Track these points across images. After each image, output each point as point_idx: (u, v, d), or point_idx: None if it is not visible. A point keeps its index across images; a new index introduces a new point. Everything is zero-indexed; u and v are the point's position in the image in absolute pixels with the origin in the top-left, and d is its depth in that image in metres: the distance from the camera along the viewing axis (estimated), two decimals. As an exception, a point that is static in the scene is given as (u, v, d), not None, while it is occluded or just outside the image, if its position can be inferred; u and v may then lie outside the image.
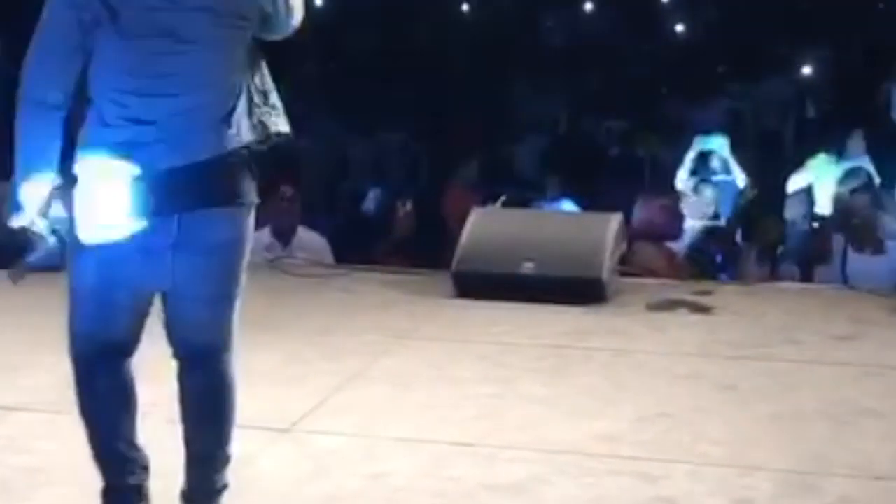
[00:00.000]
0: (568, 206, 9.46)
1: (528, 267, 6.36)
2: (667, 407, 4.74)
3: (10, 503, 3.82)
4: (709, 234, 8.56)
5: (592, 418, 4.63)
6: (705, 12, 18.94)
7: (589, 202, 9.91)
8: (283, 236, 7.88)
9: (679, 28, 17.83)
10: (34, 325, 5.82)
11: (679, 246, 8.05)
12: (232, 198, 3.46)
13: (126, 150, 3.27)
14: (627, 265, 6.90)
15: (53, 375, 5.01)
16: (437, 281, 6.68)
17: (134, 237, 3.31)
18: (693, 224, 8.54)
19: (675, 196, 8.90)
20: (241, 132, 3.44)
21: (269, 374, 5.12)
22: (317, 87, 16.30)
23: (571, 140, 13.35)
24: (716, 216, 8.89)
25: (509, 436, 4.44)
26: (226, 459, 3.64)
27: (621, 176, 11.73)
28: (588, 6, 18.23)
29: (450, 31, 17.77)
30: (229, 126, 3.42)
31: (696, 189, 9.12)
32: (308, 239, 7.98)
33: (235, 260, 3.57)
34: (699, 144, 10.38)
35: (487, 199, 9.24)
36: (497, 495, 3.92)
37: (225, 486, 3.63)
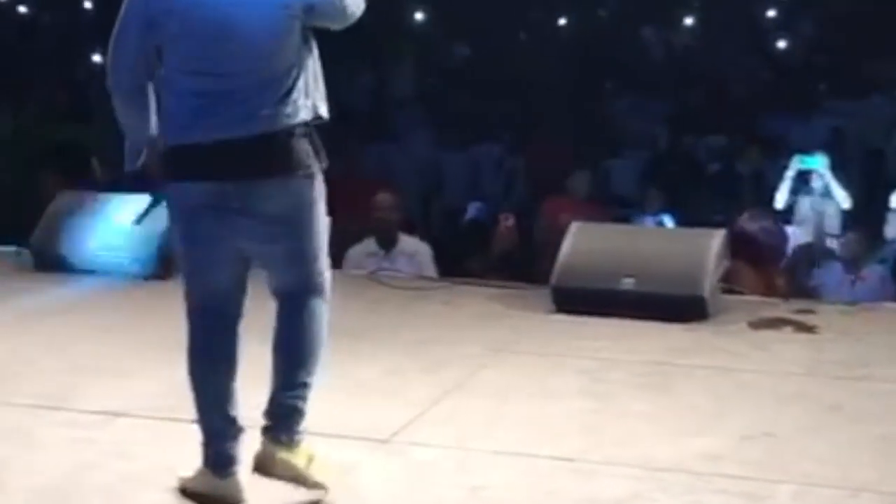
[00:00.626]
0: (667, 221, 9.40)
1: (628, 283, 6.32)
2: (771, 426, 4.67)
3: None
4: (807, 253, 8.48)
5: (695, 436, 4.57)
6: (807, 29, 18.76)
7: (688, 218, 9.85)
8: (385, 244, 8.00)
9: (781, 44, 17.64)
10: (141, 331, 5.92)
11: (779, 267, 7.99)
12: (290, 169, 3.89)
13: (194, 124, 3.83)
14: (728, 283, 6.82)
15: (158, 382, 5.09)
16: (537, 295, 6.65)
17: (208, 202, 3.85)
18: (793, 244, 8.45)
19: (775, 215, 8.79)
20: (299, 111, 3.90)
21: (368, 385, 5.15)
22: (413, 101, 16.37)
23: (671, 156, 13.24)
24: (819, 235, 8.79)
25: (610, 451, 4.40)
26: (306, 387, 4.02)
27: (721, 192, 11.64)
28: (688, 21, 18.11)
29: (547, 45, 17.75)
30: (287, 105, 3.87)
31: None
32: (411, 245, 8.05)
33: (303, 222, 3.96)
34: (797, 163, 10.22)
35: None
36: (598, 511, 3.89)
37: (304, 413, 4.01)
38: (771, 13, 19.46)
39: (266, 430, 3.99)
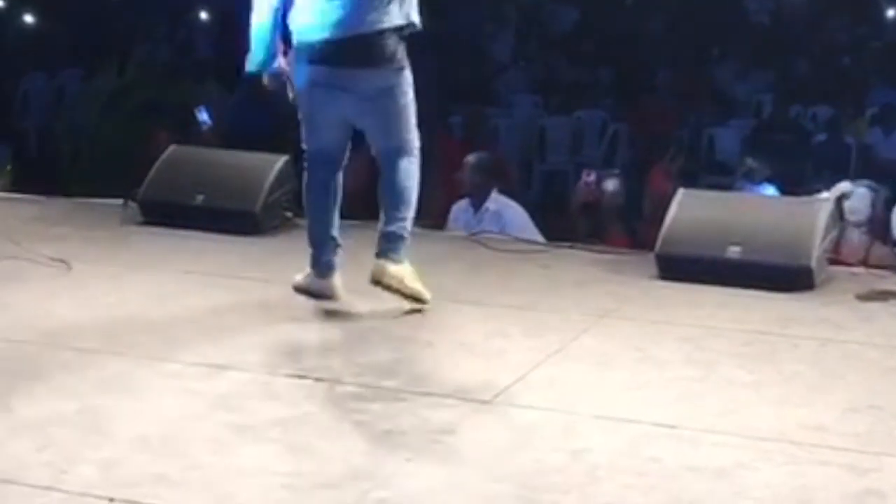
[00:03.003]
0: (771, 191, 9.29)
1: (734, 251, 6.25)
2: (877, 399, 4.60)
3: (220, 458, 3.91)
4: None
5: (799, 406, 4.53)
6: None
7: (793, 189, 9.73)
8: (475, 203, 8.28)
9: (890, 13, 17.32)
10: (245, 288, 5.99)
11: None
12: (380, 62, 5.30)
13: (315, 24, 5.33)
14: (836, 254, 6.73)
15: (263, 336, 5.17)
16: (640, 262, 6.61)
17: (322, 80, 5.35)
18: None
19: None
20: (393, 18, 5.28)
21: (471, 347, 5.16)
22: (515, 64, 16.32)
23: (776, 125, 13.08)
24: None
25: (713, 420, 4.37)
26: (406, 220, 5.44)
27: (828, 163, 11.48)
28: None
29: (652, 10, 17.61)
30: (382, 12, 5.26)
31: None
32: (500, 204, 8.16)
33: (389, 103, 5.38)
34: None
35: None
36: (700, 478, 3.86)
37: (406, 239, 5.46)
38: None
39: (379, 253, 5.41)
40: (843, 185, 7.82)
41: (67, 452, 3.90)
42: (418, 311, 5.53)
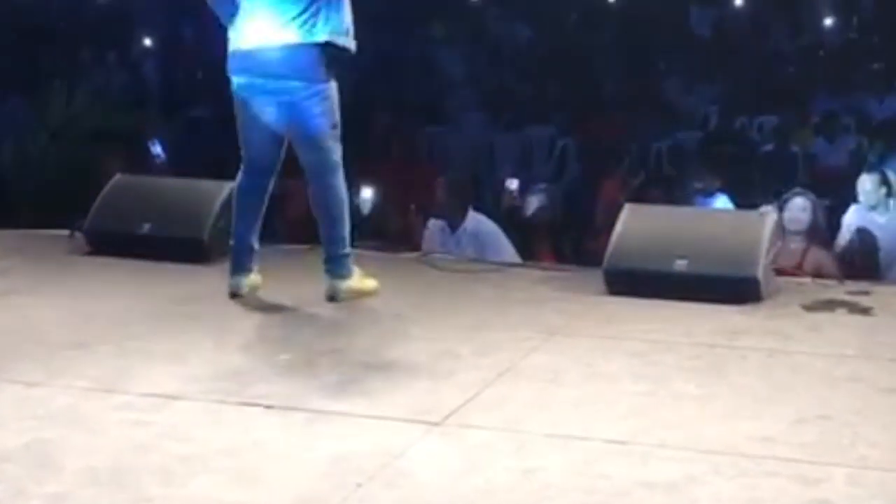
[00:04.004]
0: (723, 202, 9.36)
1: (680, 264, 6.29)
2: (825, 409, 4.64)
3: (169, 489, 3.89)
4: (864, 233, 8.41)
5: (748, 419, 4.55)
6: (860, 7, 18.59)
7: (740, 199, 9.81)
8: (452, 222, 8.37)
9: (828, 22, 17.49)
10: (193, 315, 5.96)
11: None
12: (296, 73, 5.73)
13: (243, 34, 5.83)
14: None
15: (212, 364, 5.14)
16: (589, 278, 6.63)
17: (246, 91, 5.88)
18: (851, 223, 8.37)
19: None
20: (314, 34, 5.70)
21: (420, 368, 5.15)
22: (465, 80, 16.35)
23: (722, 136, 13.18)
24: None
25: (663, 434, 4.39)
26: (341, 237, 6.00)
27: (774, 173, 11.57)
28: (739, 2, 18.00)
29: (597, 23, 17.72)
30: (302, 27, 5.70)
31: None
32: (477, 224, 8.23)
33: (304, 116, 5.79)
34: None
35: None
36: (651, 494, 3.88)
37: (348, 254, 6.05)
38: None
39: (328, 273, 5.99)
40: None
41: (14, 487, 3.86)
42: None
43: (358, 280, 6.11)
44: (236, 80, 5.92)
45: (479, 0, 18.10)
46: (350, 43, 5.83)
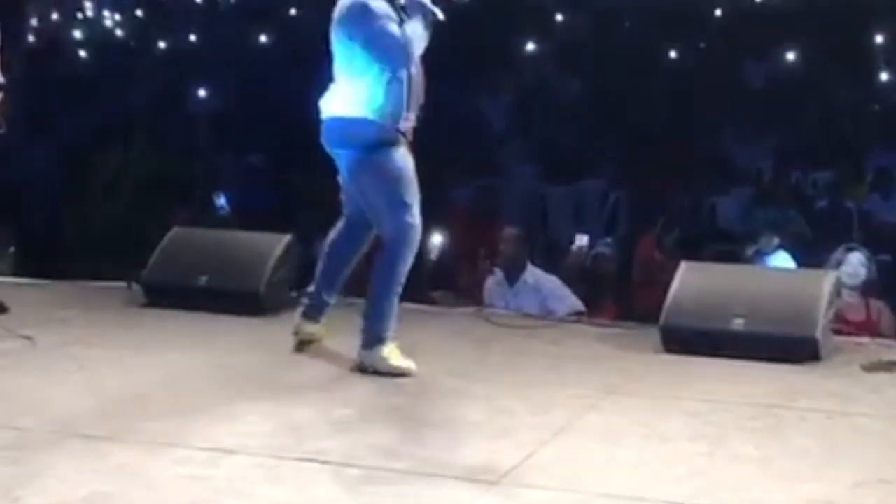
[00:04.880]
0: (782, 259, 9.31)
1: (738, 323, 6.26)
2: (886, 472, 4.58)
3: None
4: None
5: (808, 481, 4.51)
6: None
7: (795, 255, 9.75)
8: (510, 276, 8.46)
9: (884, 77, 17.37)
10: (251, 369, 5.99)
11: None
12: (351, 144, 5.86)
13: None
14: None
15: (269, 418, 5.15)
16: (645, 335, 6.61)
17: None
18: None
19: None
20: (357, 107, 5.80)
21: (477, 426, 5.14)
22: (518, 135, 16.38)
23: (777, 191, 13.11)
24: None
25: (722, 496, 4.36)
26: (379, 318, 5.91)
27: (830, 229, 11.48)
28: (792, 55, 17.94)
29: (653, 77, 17.69)
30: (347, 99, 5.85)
31: None
32: (536, 278, 8.26)
33: (366, 183, 5.88)
34: None
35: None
36: (711, 558, 3.85)
37: (383, 338, 5.89)
38: (879, 39, 19.22)
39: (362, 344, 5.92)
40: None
41: (75, 543, 3.89)
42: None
43: (393, 356, 5.91)
44: None
45: (532, 51, 18.13)
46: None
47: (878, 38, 19.37)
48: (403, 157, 5.85)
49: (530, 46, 17.63)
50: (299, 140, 14.13)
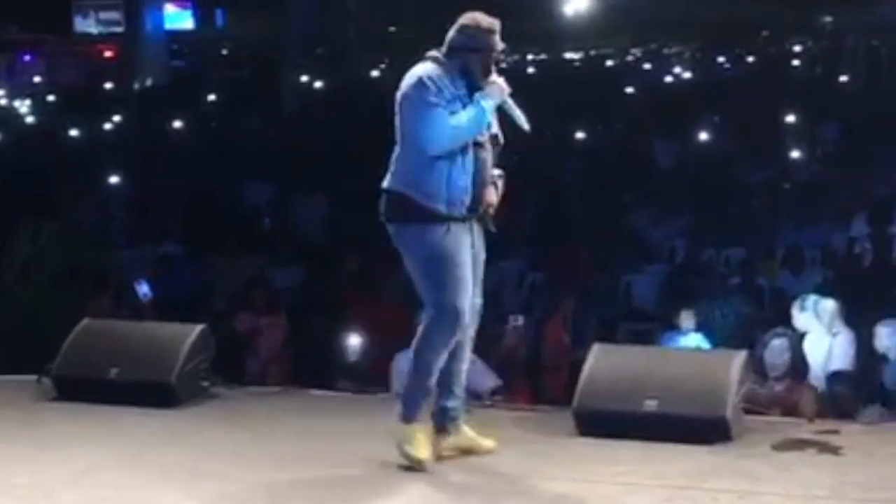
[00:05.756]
0: (696, 339, 9.39)
1: (650, 405, 6.29)
2: (797, 552, 4.62)
3: None
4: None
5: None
6: (829, 136, 18.92)
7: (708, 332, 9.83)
8: None
9: (794, 155, 17.71)
10: (162, 461, 5.92)
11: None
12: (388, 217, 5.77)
13: None
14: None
15: None
16: (559, 418, 6.60)
17: None
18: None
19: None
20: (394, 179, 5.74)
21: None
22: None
23: (690, 269, 13.23)
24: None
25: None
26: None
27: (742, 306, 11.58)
28: (704, 135, 18.26)
29: (565, 160, 17.90)
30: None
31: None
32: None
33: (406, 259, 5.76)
34: None
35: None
36: None
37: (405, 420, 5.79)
38: (789, 119, 19.64)
39: None
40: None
41: None
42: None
43: (411, 443, 5.72)
44: None
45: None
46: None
47: (789, 118, 19.85)
48: (443, 236, 5.64)
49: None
50: (216, 227, 14.23)
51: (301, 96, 23.28)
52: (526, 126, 5.85)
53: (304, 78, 23.52)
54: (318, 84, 23.97)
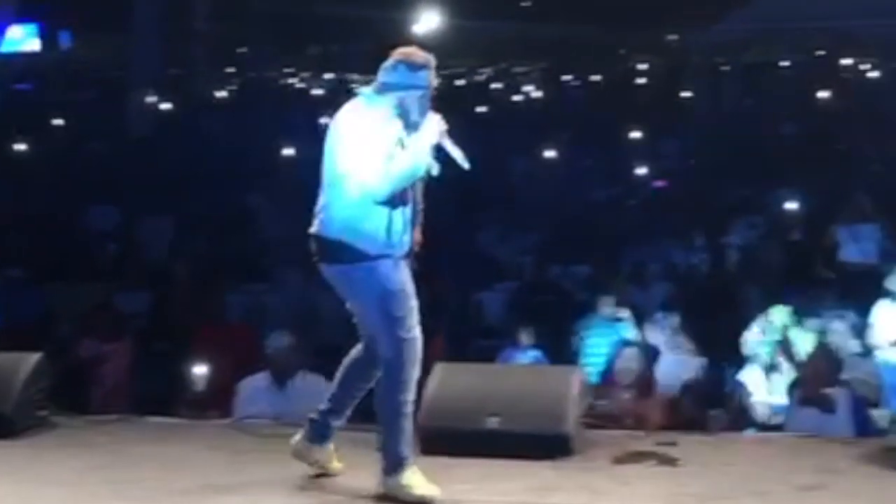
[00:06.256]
0: (535, 356, 9.51)
1: (493, 422, 6.34)
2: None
3: None
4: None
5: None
6: (670, 161, 19.27)
7: (557, 351, 9.96)
8: (280, 380, 8.18)
9: (640, 171, 18.00)
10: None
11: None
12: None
13: None
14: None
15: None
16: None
17: None
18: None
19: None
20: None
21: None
22: (286, 237, 16.34)
23: (538, 287, 13.36)
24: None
25: None
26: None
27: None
28: (551, 154, 18.45)
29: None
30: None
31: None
32: (311, 382, 8.09)
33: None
34: None
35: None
36: None
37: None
38: (636, 135, 19.96)
39: None
40: None
41: None
42: None
43: (415, 482, 5.65)
44: None
45: (296, 154, 18.25)
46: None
47: (634, 134, 20.18)
48: (392, 269, 5.53)
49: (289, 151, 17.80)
50: (60, 252, 13.95)
51: (148, 118, 22.99)
52: (466, 164, 5.71)
53: (151, 99, 23.20)
54: (165, 106, 23.67)
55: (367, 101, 5.61)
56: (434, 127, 5.62)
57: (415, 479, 5.61)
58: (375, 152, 5.44)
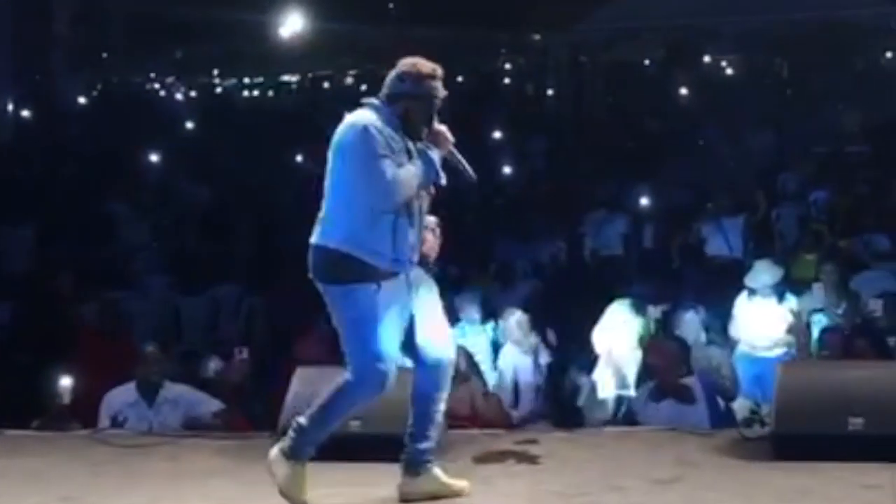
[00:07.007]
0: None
1: (355, 425, 6.29)
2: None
3: None
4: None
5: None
6: (537, 151, 19.45)
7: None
8: (147, 393, 8.03)
9: (507, 170, 18.13)
10: None
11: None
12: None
13: None
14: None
15: None
16: (269, 445, 6.54)
17: None
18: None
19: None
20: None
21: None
22: (148, 244, 16.14)
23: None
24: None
25: None
26: None
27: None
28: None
29: (280, 180, 17.87)
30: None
31: None
32: (175, 392, 8.01)
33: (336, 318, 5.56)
34: None
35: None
36: None
37: None
38: (497, 135, 20.08)
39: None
40: None
41: None
42: None
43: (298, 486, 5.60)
44: None
45: (160, 162, 18.07)
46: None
47: (497, 134, 20.31)
48: (372, 296, 5.40)
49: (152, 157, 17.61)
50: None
51: (7, 126, 22.57)
52: (473, 176, 5.67)
53: (10, 107, 22.77)
54: (24, 113, 23.23)
55: (372, 111, 5.51)
56: (442, 138, 5.57)
57: (302, 479, 5.59)
58: (381, 162, 5.34)
